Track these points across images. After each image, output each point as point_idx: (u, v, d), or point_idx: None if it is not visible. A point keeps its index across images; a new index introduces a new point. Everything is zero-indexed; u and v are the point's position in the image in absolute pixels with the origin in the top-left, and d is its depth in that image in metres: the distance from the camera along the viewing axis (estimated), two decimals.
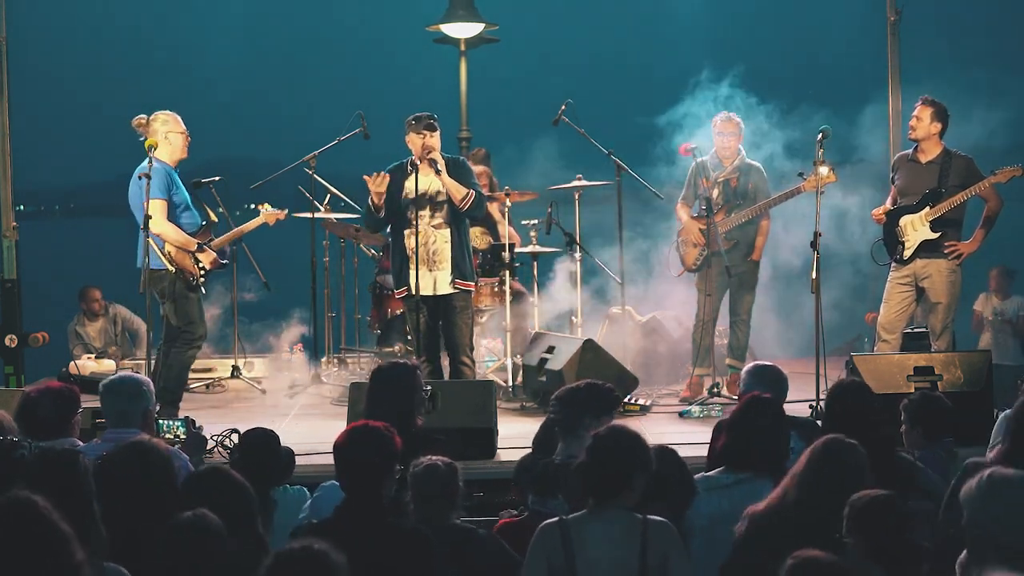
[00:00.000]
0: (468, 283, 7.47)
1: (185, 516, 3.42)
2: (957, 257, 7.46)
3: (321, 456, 6.36)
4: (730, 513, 4.11)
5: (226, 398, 8.71)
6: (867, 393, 4.84)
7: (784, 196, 7.84)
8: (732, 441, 4.38)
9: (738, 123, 7.98)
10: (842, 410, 4.64)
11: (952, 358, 6.71)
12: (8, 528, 2.81)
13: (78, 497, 3.54)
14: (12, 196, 9.47)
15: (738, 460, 4.31)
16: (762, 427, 4.34)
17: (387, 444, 3.98)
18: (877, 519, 3.47)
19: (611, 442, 3.74)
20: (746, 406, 4.46)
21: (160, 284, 7.16)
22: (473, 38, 10.72)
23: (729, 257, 7.76)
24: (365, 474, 3.92)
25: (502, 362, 8.53)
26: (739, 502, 4.12)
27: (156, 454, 4.04)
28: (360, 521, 3.84)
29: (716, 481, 4.29)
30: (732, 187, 7.95)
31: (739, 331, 8.03)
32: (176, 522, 3.41)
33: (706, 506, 4.21)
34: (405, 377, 5.16)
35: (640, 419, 7.46)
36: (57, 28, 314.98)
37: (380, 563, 3.73)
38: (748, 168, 7.98)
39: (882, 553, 3.43)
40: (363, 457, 3.92)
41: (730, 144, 7.92)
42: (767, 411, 4.41)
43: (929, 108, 7.47)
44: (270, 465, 4.71)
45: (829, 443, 3.83)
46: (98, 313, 10.25)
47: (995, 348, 9.88)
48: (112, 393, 5.03)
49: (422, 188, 7.32)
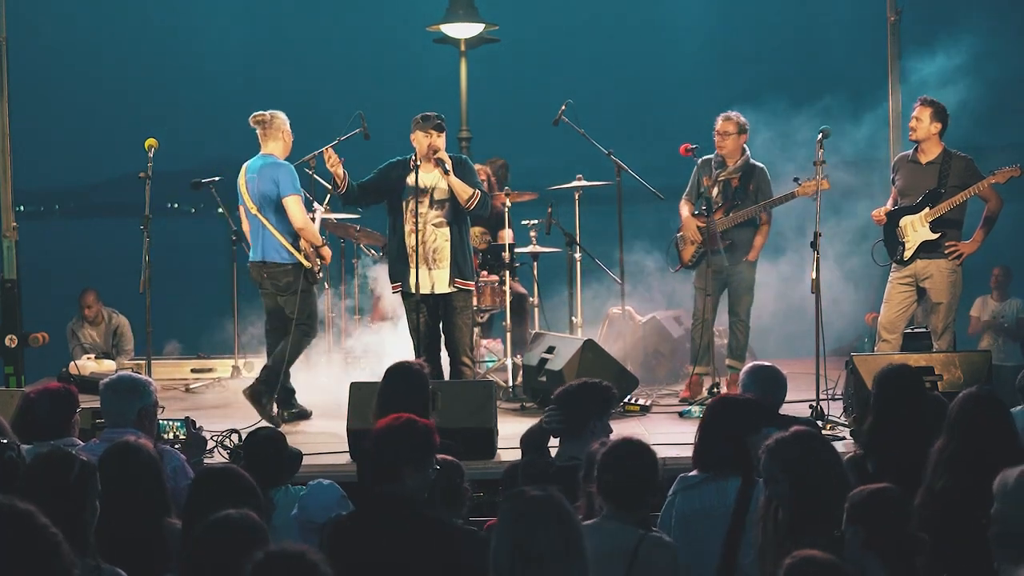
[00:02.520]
0: (468, 283, 7.47)
1: (231, 514, 3.29)
2: (957, 257, 7.46)
3: (321, 456, 6.38)
4: (699, 510, 4.19)
5: (226, 398, 8.70)
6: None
7: (778, 200, 7.85)
8: (700, 441, 4.41)
9: (738, 122, 7.93)
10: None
11: (952, 358, 6.72)
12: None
13: (73, 499, 3.53)
14: (12, 196, 9.48)
15: (703, 460, 4.35)
16: (729, 427, 4.37)
17: (425, 437, 3.94)
18: (878, 511, 3.48)
19: (640, 456, 3.82)
20: (713, 407, 4.52)
21: (284, 278, 7.30)
22: (473, 38, 10.72)
23: (725, 257, 7.76)
24: (397, 467, 3.87)
25: (502, 362, 8.53)
26: (709, 500, 4.19)
27: (143, 454, 4.03)
28: (391, 515, 3.81)
29: (687, 480, 4.34)
30: (733, 187, 7.94)
31: (738, 331, 8.04)
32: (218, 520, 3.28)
33: (681, 504, 4.26)
34: (417, 377, 5.18)
35: (640, 419, 7.46)
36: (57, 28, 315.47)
37: (408, 557, 3.71)
38: (751, 169, 7.97)
39: (881, 544, 3.43)
40: (397, 450, 3.88)
41: (727, 143, 7.90)
42: (734, 411, 4.45)
43: (928, 108, 7.47)
44: (275, 465, 4.72)
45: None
46: (92, 321, 10.13)
47: (995, 350, 9.89)
48: (109, 392, 5.05)
49: (423, 186, 7.32)
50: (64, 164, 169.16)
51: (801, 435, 3.88)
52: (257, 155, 7.51)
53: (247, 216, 7.50)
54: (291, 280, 7.30)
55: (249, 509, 3.55)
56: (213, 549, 3.19)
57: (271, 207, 7.30)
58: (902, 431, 4.66)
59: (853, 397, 6.77)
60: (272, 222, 7.30)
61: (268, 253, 7.32)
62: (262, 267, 7.37)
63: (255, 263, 7.42)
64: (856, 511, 3.51)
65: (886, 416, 4.76)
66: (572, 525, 3.01)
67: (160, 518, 3.95)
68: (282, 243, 7.27)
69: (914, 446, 4.53)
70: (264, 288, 7.49)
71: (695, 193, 8.12)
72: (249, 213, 7.43)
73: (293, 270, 7.30)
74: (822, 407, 6.85)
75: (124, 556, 3.70)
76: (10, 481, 3.82)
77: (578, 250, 8.66)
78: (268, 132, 7.43)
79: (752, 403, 4.59)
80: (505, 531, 2.98)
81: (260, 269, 7.39)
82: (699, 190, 8.07)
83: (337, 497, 4.51)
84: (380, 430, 3.97)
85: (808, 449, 3.81)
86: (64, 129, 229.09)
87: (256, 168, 7.38)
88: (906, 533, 3.48)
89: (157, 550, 3.87)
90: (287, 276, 7.31)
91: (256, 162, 7.46)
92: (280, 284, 7.34)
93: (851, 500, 3.54)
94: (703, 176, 8.00)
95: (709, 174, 7.95)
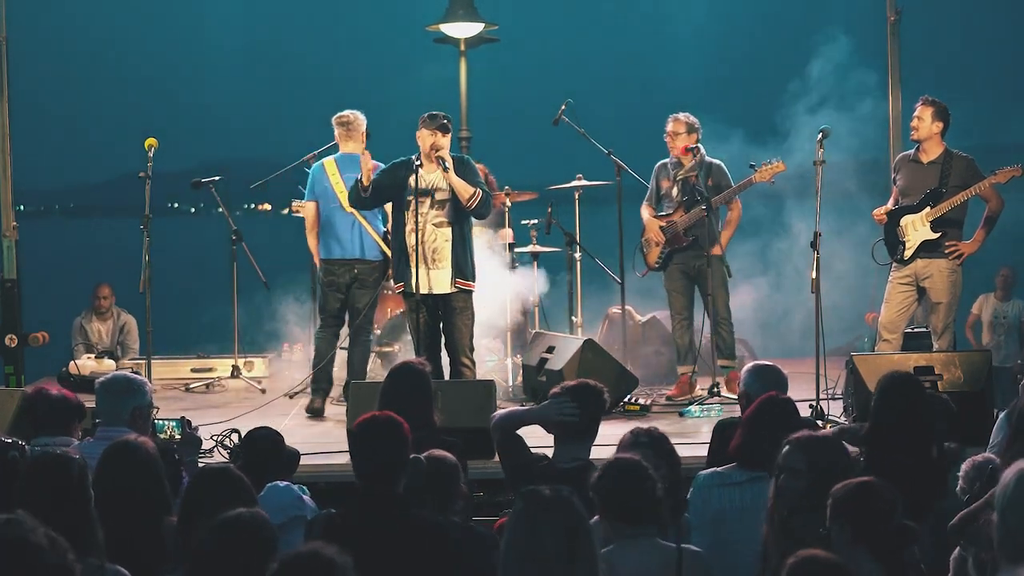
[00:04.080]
0: (469, 283, 7.47)
1: (242, 513, 3.32)
2: (958, 257, 7.45)
3: (321, 456, 6.38)
4: (740, 509, 4.14)
5: (226, 398, 8.70)
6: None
7: (736, 189, 7.96)
8: (747, 440, 4.36)
9: (687, 122, 8.03)
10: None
11: (952, 358, 6.71)
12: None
13: (75, 500, 3.53)
14: (12, 196, 9.47)
15: (751, 459, 4.30)
16: (777, 427, 4.35)
17: (403, 434, 3.96)
18: (864, 504, 3.46)
19: (635, 471, 3.68)
20: (761, 406, 4.47)
21: (374, 274, 7.77)
22: (473, 38, 10.71)
23: (690, 253, 7.81)
24: (383, 464, 3.89)
25: (502, 362, 8.52)
26: (751, 499, 4.15)
27: (142, 453, 4.03)
28: (377, 512, 3.82)
29: (728, 477, 4.28)
30: (691, 184, 8.00)
31: (722, 331, 8.06)
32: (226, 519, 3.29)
33: (717, 501, 4.20)
34: (420, 377, 5.17)
35: (640, 419, 7.46)
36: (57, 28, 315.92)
37: (398, 555, 3.72)
38: (708, 165, 8.04)
39: (869, 536, 3.41)
40: (381, 447, 3.90)
41: (678, 143, 7.99)
42: (782, 411, 4.43)
43: (930, 108, 7.46)
44: (273, 465, 4.71)
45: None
46: (104, 312, 10.22)
47: (995, 350, 9.89)
48: (103, 391, 5.06)
49: (424, 185, 7.31)
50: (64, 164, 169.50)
51: (832, 439, 3.88)
52: (339, 154, 7.89)
53: (331, 213, 7.77)
54: (378, 276, 7.80)
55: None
56: (224, 548, 3.19)
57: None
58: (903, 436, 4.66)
59: (853, 397, 6.77)
60: (368, 220, 7.73)
61: (367, 251, 7.74)
62: (354, 264, 7.71)
63: (345, 260, 7.73)
64: (841, 506, 3.48)
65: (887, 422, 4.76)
66: (583, 526, 3.00)
67: (160, 517, 3.95)
68: (377, 241, 7.74)
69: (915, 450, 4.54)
70: (338, 291, 7.74)
71: (655, 198, 8.22)
72: (342, 211, 7.73)
73: (380, 266, 7.79)
74: (822, 407, 6.84)
75: (124, 555, 3.70)
76: (11, 481, 3.83)
77: (578, 250, 8.66)
78: (351, 132, 7.83)
79: (793, 404, 4.59)
80: (516, 529, 2.97)
81: (351, 266, 7.72)
82: (659, 194, 8.18)
83: (292, 497, 4.50)
84: (357, 432, 3.99)
85: (839, 453, 3.83)
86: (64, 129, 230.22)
87: (353, 168, 7.55)
88: (894, 524, 3.46)
89: (157, 549, 3.87)
90: (376, 272, 7.79)
91: (348, 161, 7.76)
92: (369, 281, 7.75)
93: (834, 496, 3.51)
94: (662, 179, 8.15)
95: (667, 176, 8.04)
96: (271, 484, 4.55)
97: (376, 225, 7.80)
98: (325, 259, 7.83)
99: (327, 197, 7.84)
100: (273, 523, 4.29)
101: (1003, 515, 3.13)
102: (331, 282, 7.78)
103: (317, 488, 5.36)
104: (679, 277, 8.05)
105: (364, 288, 7.77)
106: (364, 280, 7.76)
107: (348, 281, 7.77)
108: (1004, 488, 3.15)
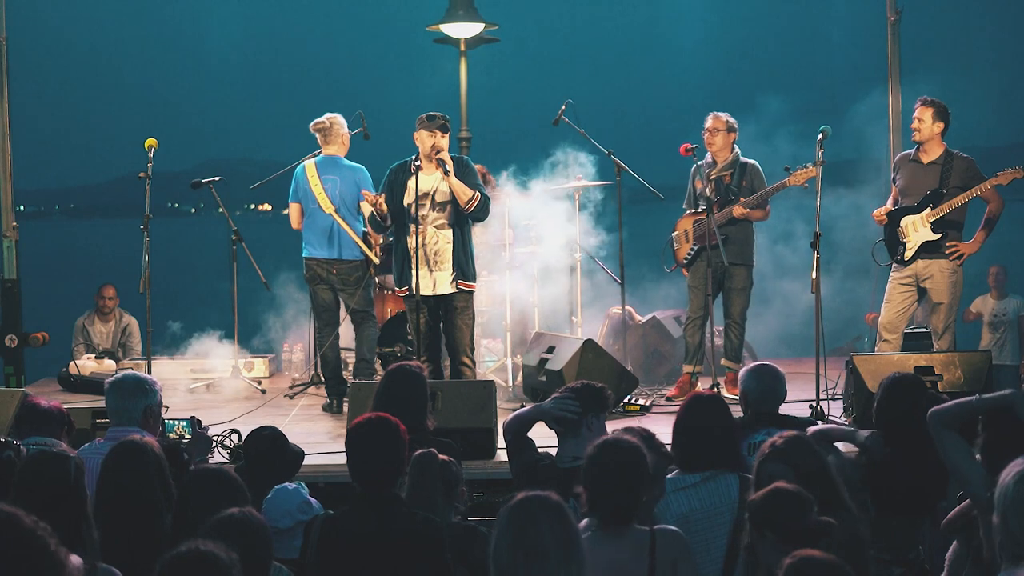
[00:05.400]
0: (470, 284, 7.47)
1: (234, 513, 3.33)
2: (958, 258, 7.45)
3: (321, 456, 6.38)
4: (700, 510, 4.15)
5: (226, 398, 8.70)
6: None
7: (769, 191, 7.91)
8: (683, 443, 4.36)
9: (726, 121, 8.02)
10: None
11: (952, 358, 6.71)
12: None
13: (70, 499, 3.53)
14: (12, 196, 9.47)
15: (692, 460, 4.31)
16: (708, 426, 4.36)
17: (399, 436, 3.98)
18: (782, 510, 3.48)
19: (617, 464, 3.67)
20: (687, 406, 4.49)
21: (354, 273, 7.96)
22: (473, 38, 10.71)
23: (723, 253, 7.79)
24: (380, 465, 3.91)
25: (502, 362, 8.52)
26: (710, 500, 4.17)
27: (148, 453, 4.03)
28: (374, 511, 3.84)
29: (681, 481, 4.28)
30: (725, 184, 7.99)
31: (732, 333, 8.06)
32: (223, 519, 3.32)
33: (677, 506, 4.21)
34: (415, 379, 5.17)
35: (640, 419, 7.45)
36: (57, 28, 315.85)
37: (393, 553, 3.73)
38: (743, 165, 8.01)
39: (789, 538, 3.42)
40: (377, 449, 3.91)
41: (717, 140, 7.98)
42: (709, 409, 4.43)
43: (930, 108, 7.46)
44: (277, 464, 4.70)
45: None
46: (107, 313, 10.22)
47: (997, 348, 9.88)
48: (114, 391, 5.04)
49: (425, 188, 7.31)
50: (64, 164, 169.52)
51: (800, 437, 3.89)
52: (320, 156, 8.03)
53: (312, 214, 7.95)
54: (359, 275, 7.97)
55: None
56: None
57: (349, 209, 7.91)
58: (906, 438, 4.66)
59: (853, 397, 6.77)
60: (348, 222, 7.88)
61: (344, 251, 7.91)
62: (332, 264, 7.90)
63: (322, 260, 7.93)
64: (758, 516, 3.50)
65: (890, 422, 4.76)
66: (570, 526, 3.02)
67: (164, 517, 3.95)
68: (356, 242, 7.90)
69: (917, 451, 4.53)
70: (324, 283, 7.98)
71: (692, 200, 8.18)
72: (321, 212, 7.90)
73: (361, 266, 7.97)
74: (822, 407, 6.84)
75: (126, 554, 3.70)
76: (7, 480, 3.83)
77: (578, 250, 8.65)
78: (329, 137, 8.00)
79: (721, 400, 4.59)
80: (504, 529, 3.00)
81: (329, 265, 7.92)
82: (696, 195, 8.13)
83: (300, 501, 4.50)
84: (353, 434, 4.00)
85: (812, 447, 3.85)
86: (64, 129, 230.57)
87: (332, 170, 7.89)
88: (812, 521, 3.48)
89: (159, 549, 3.86)
90: (356, 271, 7.96)
91: (327, 164, 7.95)
92: (350, 280, 7.94)
93: (750, 508, 3.55)
94: (697, 180, 8.10)
95: (702, 177, 8.02)
96: (279, 487, 4.55)
97: (355, 226, 7.94)
98: (306, 257, 8.01)
99: (308, 199, 7.99)
100: (280, 527, 4.31)
101: (1004, 517, 3.12)
102: (313, 276, 8.00)
103: (317, 488, 5.37)
104: (703, 275, 7.95)
105: (347, 287, 7.96)
106: (346, 279, 7.94)
107: (325, 277, 7.95)
108: (1004, 489, 3.14)
